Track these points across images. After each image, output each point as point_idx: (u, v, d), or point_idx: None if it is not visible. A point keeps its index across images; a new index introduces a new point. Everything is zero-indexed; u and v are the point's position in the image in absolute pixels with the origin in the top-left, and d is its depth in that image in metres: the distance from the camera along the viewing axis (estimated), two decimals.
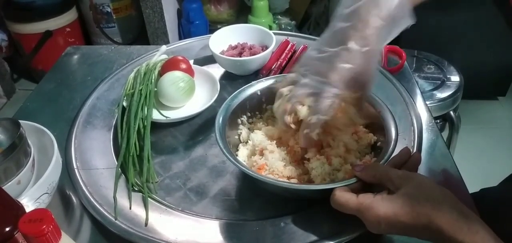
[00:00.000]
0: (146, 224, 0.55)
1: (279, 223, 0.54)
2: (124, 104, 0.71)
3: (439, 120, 1.43)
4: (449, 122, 1.45)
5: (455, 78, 1.45)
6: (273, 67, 0.83)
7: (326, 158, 0.56)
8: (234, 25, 0.90)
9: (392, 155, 0.53)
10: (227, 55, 0.84)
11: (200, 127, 0.72)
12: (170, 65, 0.76)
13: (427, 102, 0.91)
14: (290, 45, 0.87)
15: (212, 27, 2.02)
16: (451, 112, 1.42)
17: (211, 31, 1.21)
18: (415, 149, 0.63)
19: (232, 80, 0.83)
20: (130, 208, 0.57)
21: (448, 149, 0.68)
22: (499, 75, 1.91)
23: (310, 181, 0.55)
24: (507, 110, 2.01)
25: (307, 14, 2.14)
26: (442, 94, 1.39)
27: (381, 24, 0.49)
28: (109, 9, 2.13)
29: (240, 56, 0.84)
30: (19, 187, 0.53)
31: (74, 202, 0.60)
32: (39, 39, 2.07)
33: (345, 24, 0.50)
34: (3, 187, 0.47)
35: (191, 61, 0.82)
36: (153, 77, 0.75)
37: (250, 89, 0.65)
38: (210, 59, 0.87)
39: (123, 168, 0.62)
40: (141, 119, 0.68)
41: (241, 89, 0.64)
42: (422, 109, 0.73)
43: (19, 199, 0.47)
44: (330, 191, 0.49)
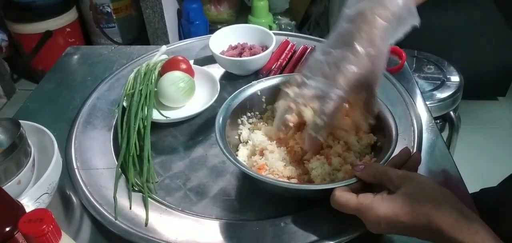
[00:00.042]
0: (146, 224, 0.55)
1: (279, 223, 0.54)
2: (124, 104, 0.71)
3: (439, 120, 1.43)
4: (449, 122, 1.45)
5: (455, 78, 1.45)
6: (273, 67, 0.83)
7: (326, 158, 0.56)
8: (234, 25, 0.90)
9: (392, 155, 0.53)
10: (227, 55, 0.84)
11: (200, 127, 0.72)
12: (170, 65, 0.76)
13: (427, 102, 0.91)
14: (290, 45, 0.87)
15: (212, 27, 2.02)
16: (451, 112, 1.42)
17: (211, 31, 1.21)
18: (415, 149, 0.63)
19: (232, 80, 0.83)
20: (130, 208, 0.57)
21: (448, 149, 0.68)
22: (499, 75, 1.90)
23: (310, 181, 0.55)
24: (507, 110, 2.01)
25: (307, 14, 2.14)
26: (442, 94, 1.39)
27: (386, 25, 0.49)
28: (109, 9, 2.13)
29: (240, 56, 0.84)
30: (19, 187, 0.53)
31: (74, 202, 0.60)
32: (39, 39, 2.07)
33: (350, 26, 0.50)
34: (3, 187, 0.47)
35: (191, 61, 0.82)
36: (153, 77, 0.75)
37: (250, 89, 0.65)
38: (210, 59, 0.87)
39: (123, 168, 0.62)
40: (141, 119, 0.68)
41: (241, 89, 0.64)
42: (422, 109, 0.73)
43: (19, 199, 0.47)
44: (330, 191, 0.49)
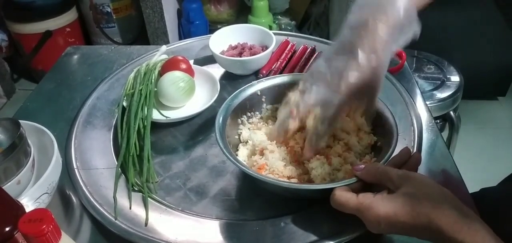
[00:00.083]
0: (146, 224, 0.55)
1: (279, 223, 0.54)
2: (124, 104, 0.71)
3: (439, 120, 1.43)
4: (449, 122, 1.45)
5: (455, 78, 1.45)
6: (273, 67, 0.83)
7: (326, 158, 0.56)
8: (234, 25, 0.90)
9: (392, 155, 0.53)
10: (227, 55, 0.84)
11: (200, 127, 0.72)
12: (170, 65, 0.76)
13: (427, 102, 0.91)
14: (290, 45, 0.87)
15: (212, 27, 2.02)
16: (451, 112, 1.42)
17: (211, 31, 1.21)
18: (415, 149, 0.63)
19: (232, 80, 0.83)
20: (130, 208, 0.57)
21: (448, 149, 0.68)
22: (499, 75, 1.90)
23: (310, 181, 0.55)
24: (507, 110, 2.01)
25: (307, 14, 2.14)
26: (442, 94, 1.40)
27: (388, 33, 0.49)
28: (109, 9, 2.13)
29: (240, 56, 0.84)
30: (19, 187, 0.53)
31: (74, 202, 0.60)
32: (39, 39, 2.07)
33: (353, 34, 0.51)
34: (3, 187, 0.47)
35: (191, 61, 0.82)
36: (153, 77, 0.75)
37: (250, 89, 0.65)
38: (210, 59, 0.87)
39: (123, 168, 0.62)
40: (141, 119, 0.68)
41: (241, 89, 0.64)
42: (422, 109, 0.73)
43: (19, 199, 0.47)
44: (330, 191, 0.49)
